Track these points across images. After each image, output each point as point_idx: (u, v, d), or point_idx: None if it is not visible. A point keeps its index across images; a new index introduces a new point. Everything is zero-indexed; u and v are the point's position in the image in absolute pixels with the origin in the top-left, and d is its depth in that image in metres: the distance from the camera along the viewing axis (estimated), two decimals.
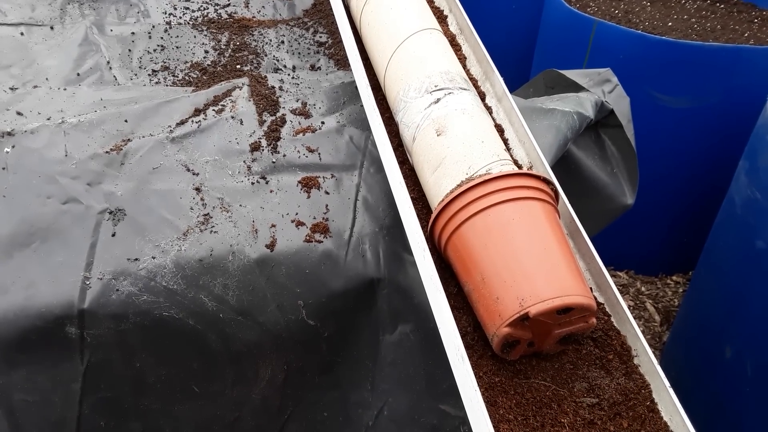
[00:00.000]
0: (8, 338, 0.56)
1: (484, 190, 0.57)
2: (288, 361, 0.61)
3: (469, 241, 0.57)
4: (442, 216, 0.59)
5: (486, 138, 0.63)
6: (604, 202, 1.02)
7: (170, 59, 0.86)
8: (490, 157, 0.61)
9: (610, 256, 0.75)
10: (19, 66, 0.81)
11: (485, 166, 0.60)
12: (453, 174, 0.61)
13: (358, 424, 0.63)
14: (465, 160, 0.61)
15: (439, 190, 0.61)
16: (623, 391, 0.56)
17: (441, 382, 0.60)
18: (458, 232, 0.57)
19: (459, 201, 0.58)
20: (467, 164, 0.60)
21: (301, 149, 0.70)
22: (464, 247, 0.57)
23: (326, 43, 0.92)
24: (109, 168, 0.66)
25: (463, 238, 0.57)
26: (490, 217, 0.56)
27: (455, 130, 0.63)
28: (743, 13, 1.82)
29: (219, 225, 0.62)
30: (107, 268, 0.58)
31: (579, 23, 1.63)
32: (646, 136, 1.35)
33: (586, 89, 0.98)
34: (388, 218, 0.65)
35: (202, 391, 0.61)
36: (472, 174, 0.60)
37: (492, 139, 0.64)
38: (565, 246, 0.57)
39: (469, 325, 0.58)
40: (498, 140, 0.65)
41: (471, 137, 0.63)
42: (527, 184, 0.58)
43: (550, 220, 0.57)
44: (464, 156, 0.61)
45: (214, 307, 0.59)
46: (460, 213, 0.58)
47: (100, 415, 0.59)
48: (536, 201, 0.58)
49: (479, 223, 0.56)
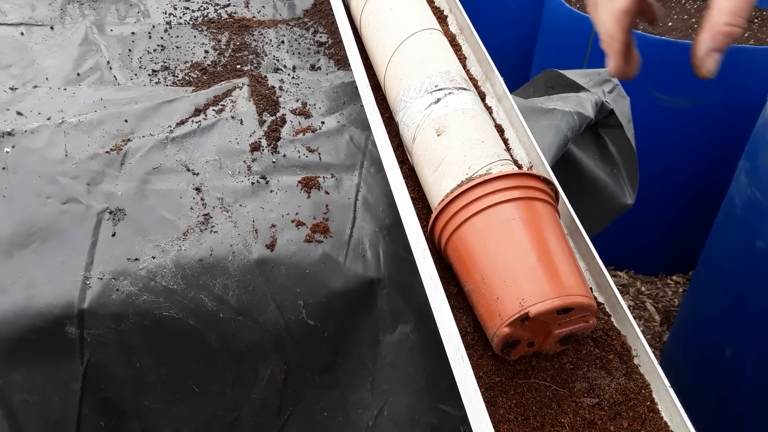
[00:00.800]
0: (8, 338, 0.56)
1: (484, 190, 0.57)
2: (288, 361, 0.61)
3: (469, 241, 0.57)
4: (442, 216, 0.59)
5: (486, 138, 0.63)
6: (604, 202, 1.02)
7: (170, 59, 0.86)
8: (490, 157, 0.61)
9: (610, 256, 0.75)
10: (19, 66, 0.81)
11: (485, 166, 0.60)
12: (453, 174, 0.61)
13: (358, 424, 0.63)
14: (465, 160, 0.61)
15: (439, 190, 0.61)
16: (623, 391, 0.56)
17: (441, 382, 0.60)
18: (458, 231, 0.57)
19: (459, 201, 0.58)
20: (467, 164, 0.60)
21: (301, 149, 0.70)
22: (464, 246, 0.57)
23: (326, 43, 0.92)
24: (109, 168, 0.66)
25: (463, 237, 0.57)
26: (491, 217, 0.56)
27: (455, 130, 0.63)
28: None
29: (219, 225, 0.62)
30: (107, 268, 0.58)
31: (579, 23, 1.63)
32: (646, 136, 1.35)
33: (586, 89, 0.98)
34: (388, 218, 0.65)
35: (202, 391, 0.61)
36: (472, 174, 0.60)
37: (492, 140, 0.64)
38: (566, 246, 0.56)
39: (469, 325, 0.58)
40: (498, 140, 0.65)
41: (471, 137, 0.63)
42: (528, 184, 0.58)
43: (550, 220, 0.57)
44: (464, 156, 0.61)
45: (214, 307, 0.59)
46: (461, 213, 0.58)
47: (100, 415, 0.59)
48: (537, 201, 0.58)
49: (479, 223, 0.56)
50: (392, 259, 0.63)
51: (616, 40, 0.57)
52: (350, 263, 0.61)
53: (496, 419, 0.52)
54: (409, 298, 0.62)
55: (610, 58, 0.58)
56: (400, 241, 0.63)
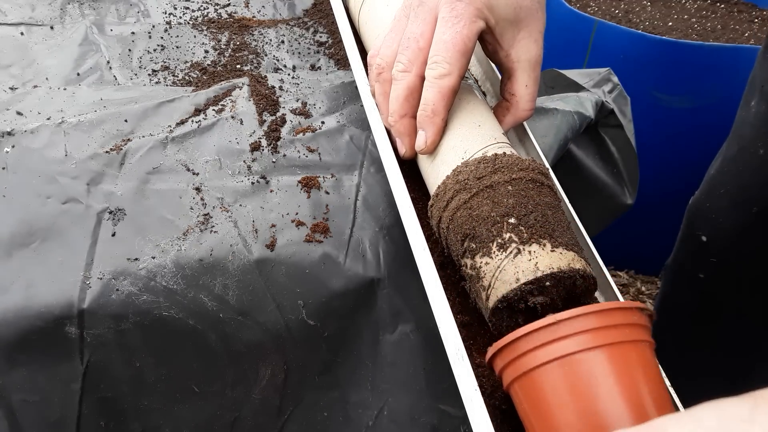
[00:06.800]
0: (8, 338, 0.56)
1: (557, 333, 0.45)
2: (288, 361, 0.61)
3: (542, 388, 0.45)
4: (506, 352, 0.48)
5: (483, 122, 0.63)
6: (605, 202, 1.02)
7: (170, 59, 0.86)
8: (487, 139, 0.60)
9: (610, 256, 0.75)
10: (19, 66, 0.81)
11: (481, 149, 0.59)
12: (449, 161, 0.60)
13: (358, 424, 0.63)
14: (461, 145, 0.60)
15: (437, 176, 0.60)
16: None
17: (441, 382, 0.60)
18: (529, 376, 0.46)
19: (527, 341, 0.46)
20: (463, 149, 0.60)
21: (301, 149, 0.70)
22: (536, 392, 0.46)
23: (326, 42, 0.92)
24: (108, 168, 0.66)
25: (535, 382, 0.46)
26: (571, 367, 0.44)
27: (450, 117, 0.63)
28: (744, 13, 1.82)
29: (219, 225, 0.62)
30: (107, 267, 0.58)
31: (579, 23, 1.63)
32: (646, 136, 1.35)
33: (586, 89, 0.98)
34: (388, 218, 0.65)
35: (202, 391, 0.61)
36: (467, 158, 0.59)
37: (489, 123, 0.63)
38: (665, 401, 0.45)
39: None
40: (496, 124, 0.64)
41: (467, 122, 0.62)
42: (617, 322, 0.45)
43: (647, 369, 0.45)
44: (461, 140, 0.61)
45: (213, 307, 0.59)
46: (530, 354, 0.46)
47: (100, 415, 0.59)
48: (630, 344, 0.45)
49: (556, 372, 0.45)
50: (392, 259, 0.63)
51: (443, 118, 0.61)
52: (350, 263, 0.61)
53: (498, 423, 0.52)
54: (409, 298, 0.62)
55: (427, 135, 0.61)
56: (400, 241, 0.63)
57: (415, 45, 0.62)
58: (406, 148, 0.64)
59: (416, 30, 0.62)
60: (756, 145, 0.93)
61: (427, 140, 0.61)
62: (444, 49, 0.59)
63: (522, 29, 0.63)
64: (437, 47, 0.60)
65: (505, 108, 0.67)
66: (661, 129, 1.62)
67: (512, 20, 0.62)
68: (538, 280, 0.50)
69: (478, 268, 0.53)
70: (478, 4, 0.60)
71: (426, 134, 0.61)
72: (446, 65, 0.59)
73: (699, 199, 1.08)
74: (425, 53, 0.61)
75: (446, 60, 0.59)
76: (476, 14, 0.60)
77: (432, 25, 0.62)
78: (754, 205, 0.95)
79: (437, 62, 0.60)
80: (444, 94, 0.60)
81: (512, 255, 0.51)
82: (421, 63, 0.61)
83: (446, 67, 0.59)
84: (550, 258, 0.50)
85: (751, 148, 0.94)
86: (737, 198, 0.98)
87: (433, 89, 0.60)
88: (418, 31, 0.62)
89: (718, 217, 1.01)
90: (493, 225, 0.53)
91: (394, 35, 0.65)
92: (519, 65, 0.65)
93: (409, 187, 0.63)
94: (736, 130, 1.01)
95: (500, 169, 0.56)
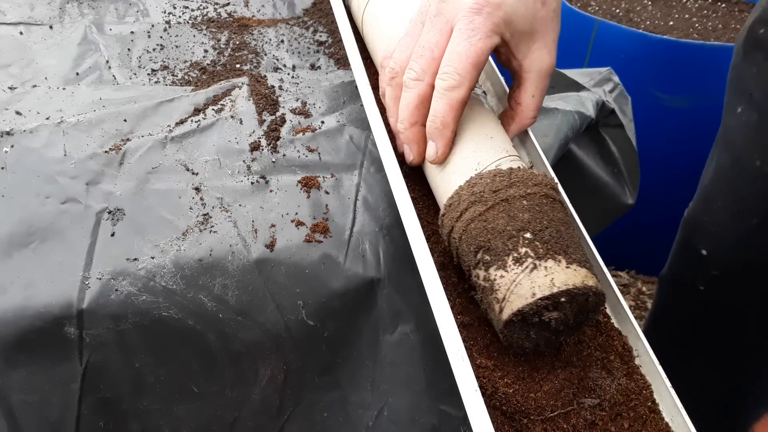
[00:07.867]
0: (7, 338, 0.56)
1: None
2: (288, 361, 0.61)
3: None
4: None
5: (495, 134, 0.63)
6: (605, 202, 1.02)
7: (170, 58, 0.86)
8: (499, 152, 0.60)
9: (610, 256, 0.75)
10: (18, 65, 0.81)
11: (494, 161, 0.59)
12: (461, 171, 0.60)
13: (358, 425, 0.63)
14: (474, 156, 0.60)
15: (448, 186, 0.60)
16: (624, 391, 0.56)
17: (441, 382, 0.60)
18: None
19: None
20: (476, 160, 0.60)
21: (300, 149, 0.70)
22: None
23: (326, 42, 0.92)
24: (108, 167, 0.66)
25: None
26: None
27: (462, 127, 0.63)
28: (744, 12, 1.82)
29: (218, 225, 0.62)
30: (106, 268, 0.58)
31: (580, 22, 1.63)
32: (647, 135, 1.35)
33: (587, 88, 0.98)
34: (388, 218, 0.65)
35: (202, 392, 0.61)
36: (481, 170, 0.59)
37: (501, 136, 0.63)
38: None
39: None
40: (505, 136, 0.64)
41: (480, 133, 0.62)
42: None
43: None
44: (473, 152, 0.61)
45: (213, 307, 0.58)
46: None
47: (100, 415, 0.59)
48: None
49: None
50: (392, 259, 0.62)
51: (452, 129, 0.61)
52: (350, 263, 0.61)
53: None
54: (409, 298, 0.62)
55: (438, 146, 0.62)
56: (400, 241, 0.63)
57: (429, 54, 0.61)
58: (414, 155, 0.64)
59: (431, 39, 0.62)
60: (751, 156, 0.92)
61: (437, 151, 0.61)
62: (456, 60, 0.59)
63: (537, 40, 0.63)
64: (450, 57, 0.60)
65: (510, 117, 0.67)
66: (661, 128, 1.62)
67: (528, 32, 0.62)
68: (554, 296, 0.50)
69: (492, 280, 0.53)
70: (496, 20, 0.59)
71: (437, 146, 0.61)
72: (457, 76, 0.59)
73: (695, 212, 1.07)
74: (438, 63, 0.61)
75: (457, 71, 0.59)
76: (493, 29, 0.60)
77: (447, 35, 0.61)
78: (754, 217, 0.94)
79: (448, 73, 0.59)
80: (453, 106, 0.60)
81: (528, 270, 0.51)
82: (433, 72, 0.61)
83: (457, 79, 0.59)
84: (566, 274, 0.51)
85: (746, 158, 0.93)
86: (736, 210, 0.97)
87: (442, 101, 0.60)
88: (433, 41, 0.62)
89: (718, 231, 1.00)
90: (509, 239, 0.53)
91: (410, 40, 0.65)
92: (530, 75, 0.65)
93: (409, 187, 0.63)
94: (725, 136, 1.00)
95: (515, 184, 0.56)
